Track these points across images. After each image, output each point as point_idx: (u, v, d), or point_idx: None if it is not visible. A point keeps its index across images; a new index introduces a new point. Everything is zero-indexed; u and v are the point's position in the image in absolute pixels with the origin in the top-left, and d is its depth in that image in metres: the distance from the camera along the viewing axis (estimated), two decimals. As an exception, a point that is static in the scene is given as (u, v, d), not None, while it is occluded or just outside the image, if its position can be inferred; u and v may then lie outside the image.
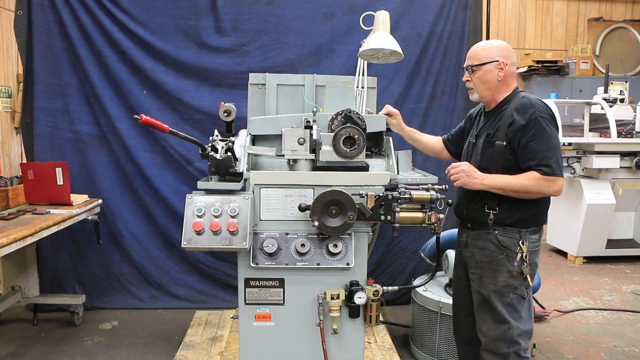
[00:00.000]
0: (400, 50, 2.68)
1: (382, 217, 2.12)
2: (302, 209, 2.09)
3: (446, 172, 2.25)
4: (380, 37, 2.66)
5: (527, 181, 2.09)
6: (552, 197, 2.22)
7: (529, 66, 7.16)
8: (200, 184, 2.17)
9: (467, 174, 2.17)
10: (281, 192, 2.17)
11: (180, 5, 3.72)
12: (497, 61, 2.21)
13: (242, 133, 2.40)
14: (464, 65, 2.30)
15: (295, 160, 2.23)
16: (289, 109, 2.81)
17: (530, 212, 2.18)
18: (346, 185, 2.13)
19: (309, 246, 2.15)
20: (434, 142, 2.67)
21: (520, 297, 2.19)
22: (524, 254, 2.15)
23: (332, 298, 2.15)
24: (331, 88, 2.46)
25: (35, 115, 3.73)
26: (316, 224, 2.06)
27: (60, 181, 3.31)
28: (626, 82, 6.45)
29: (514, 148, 2.14)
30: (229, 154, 2.19)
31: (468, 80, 2.29)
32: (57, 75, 3.72)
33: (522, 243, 2.16)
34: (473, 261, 2.28)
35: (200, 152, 2.24)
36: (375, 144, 2.53)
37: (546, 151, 2.09)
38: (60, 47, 3.70)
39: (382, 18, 2.71)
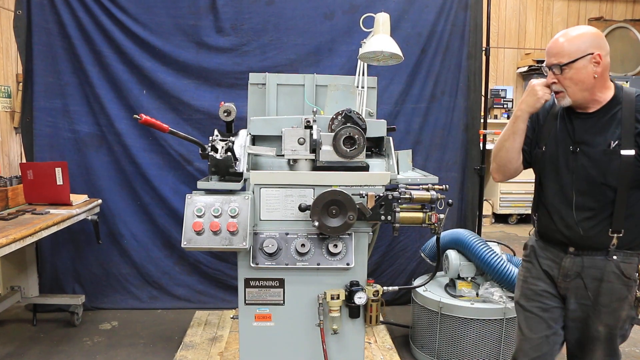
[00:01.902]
0: (400, 53, 2.67)
1: (382, 217, 2.11)
2: (302, 209, 2.09)
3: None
4: (380, 40, 2.65)
5: None
6: None
7: (529, 66, 7.16)
8: (200, 184, 2.16)
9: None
10: (281, 192, 2.16)
11: (180, 5, 3.71)
12: (592, 54, 1.79)
13: (242, 133, 2.39)
14: (545, 65, 1.88)
15: (295, 160, 2.22)
16: (289, 109, 2.80)
17: None
18: (346, 185, 2.12)
19: (309, 246, 2.15)
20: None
21: (633, 325, 1.95)
22: None
23: (332, 298, 2.15)
24: (333, 91, 2.45)
25: (34, 115, 3.73)
26: (316, 224, 2.05)
27: (59, 181, 3.30)
28: (627, 81, 6.46)
29: None
30: (229, 154, 2.18)
31: (554, 83, 1.86)
32: (57, 75, 3.72)
33: None
34: (582, 295, 1.92)
35: (200, 152, 2.24)
36: (376, 144, 2.53)
37: None
38: (60, 47, 3.69)
39: (382, 20, 2.71)
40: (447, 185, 2.23)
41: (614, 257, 1.86)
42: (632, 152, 1.80)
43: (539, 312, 2.02)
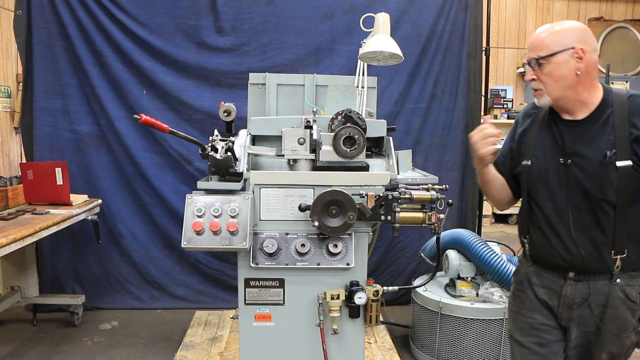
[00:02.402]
0: (400, 53, 2.67)
1: (382, 217, 2.11)
2: (302, 209, 2.08)
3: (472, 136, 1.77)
4: (381, 40, 2.65)
5: None
6: None
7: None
8: (200, 184, 2.16)
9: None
10: (281, 192, 2.16)
11: (180, 5, 3.71)
12: (573, 48, 1.62)
13: (242, 133, 2.39)
14: (526, 61, 1.72)
15: (295, 160, 2.22)
16: (289, 109, 2.80)
17: None
18: (346, 185, 2.12)
19: (309, 246, 2.15)
20: (503, 181, 1.92)
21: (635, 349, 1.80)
22: None
23: (332, 298, 2.15)
24: (333, 91, 2.45)
25: (34, 115, 3.73)
26: (316, 224, 2.05)
27: (59, 181, 3.30)
28: (627, 81, 6.46)
29: None
30: (229, 153, 2.18)
31: (533, 79, 1.70)
32: (57, 75, 3.72)
33: None
34: (586, 323, 1.73)
35: (200, 152, 2.24)
36: (376, 144, 2.53)
37: None
38: (60, 47, 3.69)
39: (382, 20, 2.71)
40: (447, 185, 2.23)
41: (618, 280, 1.67)
42: (628, 162, 1.61)
43: (536, 348, 1.82)
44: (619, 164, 1.61)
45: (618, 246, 1.65)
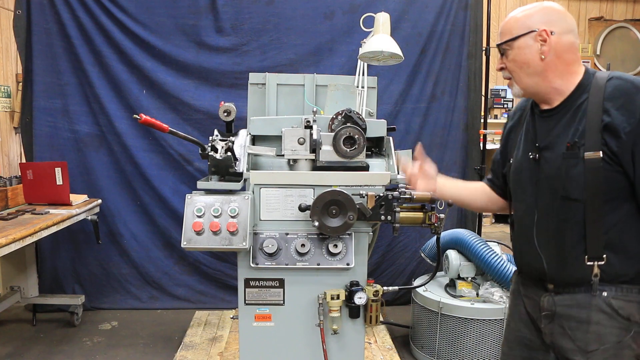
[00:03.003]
0: (400, 53, 2.67)
1: (383, 217, 2.10)
2: (302, 209, 2.08)
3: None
4: (381, 40, 2.65)
5: None
6: None
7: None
8: (200, 184, 2.16)
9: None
10: (281, 192, 2.16)
11: (180, 5, 3.71)
12: (534, 31, 1.46)
13: (242, 133, 2.39)
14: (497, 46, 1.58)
15: (295, 160, 2.22)
16: (289, 109, 2.80)
17: None
18: (346, 185, 2.12)
19: (309, 246, 2.14)
20: (476, 189, 1.86)
21: None
22: None
23: (332, 298, 2.14)
24: (333, 91, 2.45)
25: (34, 115, 3.73)
26: (316, 224, 2.05)
27: (59, 181, 3.30)
28: (626, 82, 6.45)
29: (621, 161, 1.39)
30: (229, 153, 2.18)
31: (503, 68, 1.56)
32: (57, 74, 3.72)
33: None
34: (566, 343, 1.49)
35: (200, 152, 2.23)
36: (376, 144, 2.52)
37: None
38: (60, 47, 3.69)
39: (382, 20, 2.71)
40: (447, 186, 2.22)
41: (604, 294, 1.43)
42: (597, 153, 1.38)
43: None
44: (586, 155, 1.39)
45: (592, 251, 1.43)
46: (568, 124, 1.46)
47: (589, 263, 1.43)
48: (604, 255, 1.42)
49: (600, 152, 1.38)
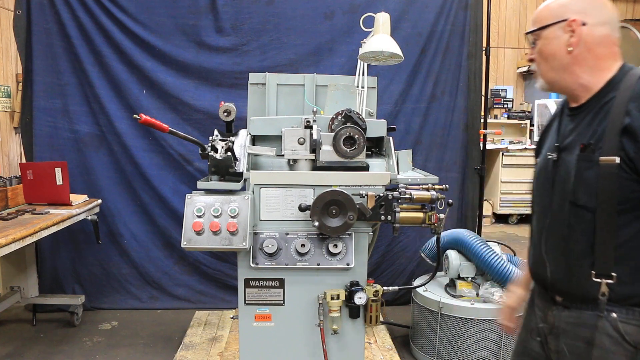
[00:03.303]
0: (400, 53, 2.67)
1: (383, 217, 2.11)
2: (302, 209, 2.08)
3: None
4: (381, 40, 2.65)
5: None
6: None
7: (530, 66, 7.15)
8: (200, 184, 2.16)
9: None
10: (281, 192, 2.16)
11: (180, 5, 3.71)
12: (565, 20, 1.33)
13: (242, 133, 2.39)
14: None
15: (295, 160, 2.22)
16: (289, 109, 2.80)
17: None
18: (346, 185, 2.12)
19: (309, 246, 2.15)
20: None
21: None
22: None
23: (332, 298, 2.15)
24: (333, 91, 2.45)
25: (34, 115, 3.73)
26: (316, 224, 2.05)
27: (59, 181, 3.30)
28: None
29: (638, 168, 1.24)
30: (229, 153, 2.18)
31: (532, 60, 1.44)
32: (57, 74, 3.72)
33: None
34: (568, 358, 1.39)
35: (200, 152, 2.24)
36: (376, 144, 2.53)
37: None
38: (60, 47, 3.69)
39: (383, 20, 2.71)
40: (447, 185, 2.23)
41: (612, 315, 1.30)
42: (613, 159, 1.24)
43: None
44: (601, 159, 1.26)
45: (600, 267, 1.30)
46: (589, 124, 1.33)
47: (596, 279, 1.31)
48: (614, 274, 1.29)
49: (618, 157, 1.24)
